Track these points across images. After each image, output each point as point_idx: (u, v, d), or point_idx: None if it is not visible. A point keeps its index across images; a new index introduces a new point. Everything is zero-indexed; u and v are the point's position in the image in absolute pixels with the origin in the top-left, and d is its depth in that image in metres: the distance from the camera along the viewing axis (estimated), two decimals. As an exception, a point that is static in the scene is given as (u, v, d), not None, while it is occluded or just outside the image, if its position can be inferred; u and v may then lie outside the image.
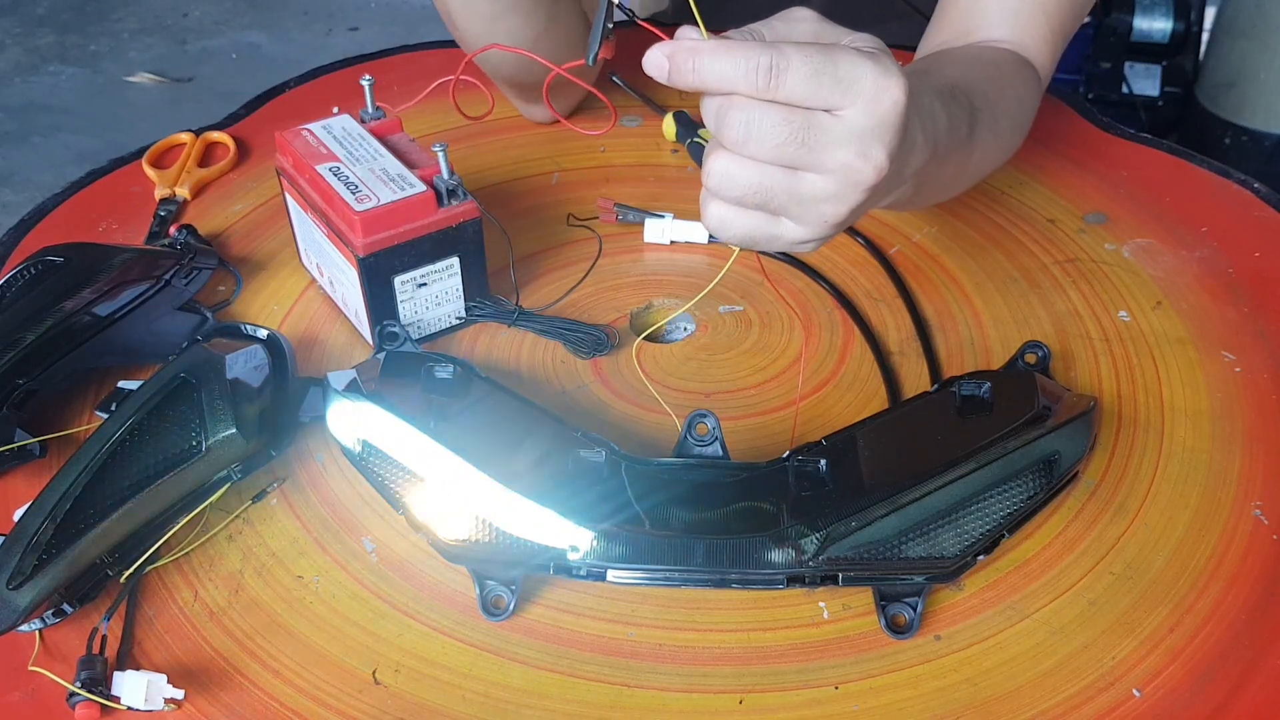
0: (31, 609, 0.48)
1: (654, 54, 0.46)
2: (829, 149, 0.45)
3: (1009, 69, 0.69)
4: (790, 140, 0.45)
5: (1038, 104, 0.72)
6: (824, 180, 0.46)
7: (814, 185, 0.46)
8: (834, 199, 0.47)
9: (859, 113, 0.45)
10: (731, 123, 0.45)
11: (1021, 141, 0.71)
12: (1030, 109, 0.70)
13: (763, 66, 0.44)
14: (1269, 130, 1.62)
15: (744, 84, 0.44)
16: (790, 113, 0.45)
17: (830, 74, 0.44)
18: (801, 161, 0.46)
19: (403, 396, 0.56)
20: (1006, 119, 0.66)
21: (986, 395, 0.57)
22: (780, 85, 0.44)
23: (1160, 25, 1.66)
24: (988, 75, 0.66)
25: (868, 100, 0.45)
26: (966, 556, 0.51)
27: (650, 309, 0.71)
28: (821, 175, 0.46)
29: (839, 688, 0.50)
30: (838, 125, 0.45)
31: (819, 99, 0.45)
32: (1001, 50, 0.71)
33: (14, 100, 2.49)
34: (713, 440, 0.57)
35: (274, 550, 0.56)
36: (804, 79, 0.44)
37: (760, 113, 0.45)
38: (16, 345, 0.59)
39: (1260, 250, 0.73)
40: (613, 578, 0.51)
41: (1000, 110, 0.65)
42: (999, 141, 0.66)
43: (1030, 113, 0.71)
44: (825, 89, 0.44)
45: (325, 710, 0.49)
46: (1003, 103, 0.65)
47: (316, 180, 0.63)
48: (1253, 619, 0.52)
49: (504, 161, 0.83)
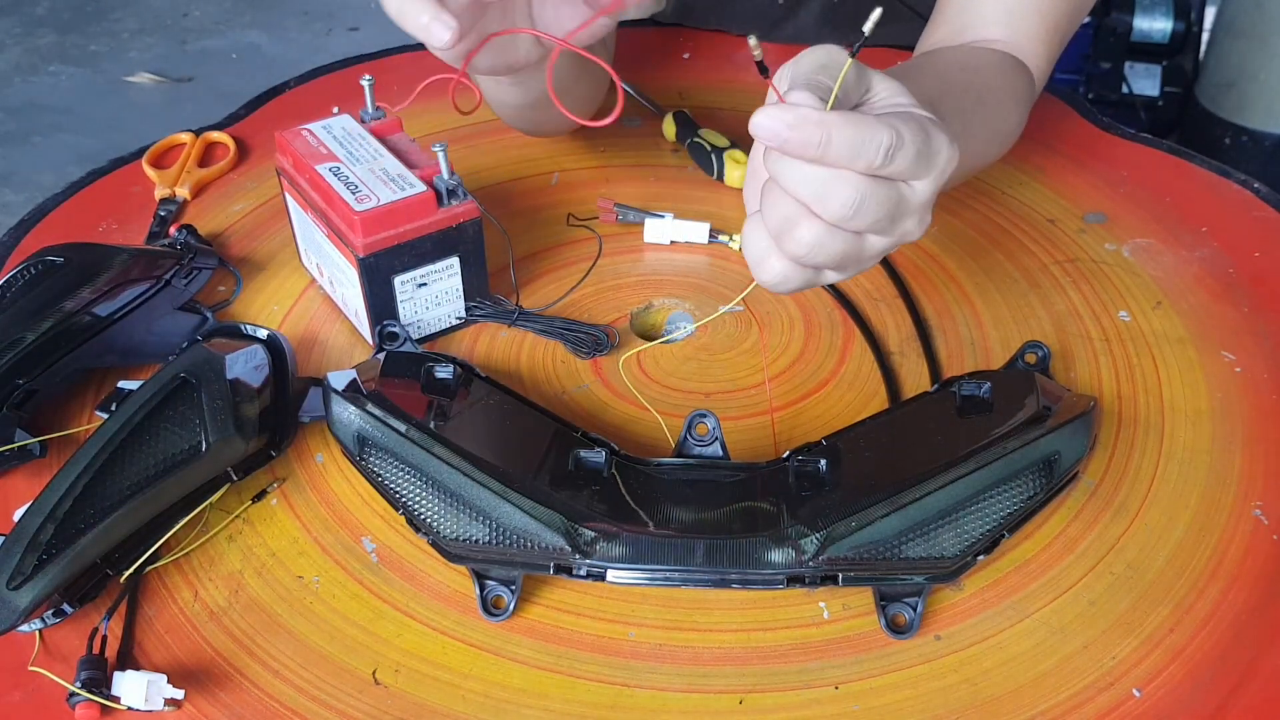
0: (31, 609, 0.48)
1: (771, 120, 0.44)
2: (904, 218, 0.47)
3: (991, 74, 0.69)
4: (885, 215, 0.46)
5: (1029, 103, 0.72)
6: (884, 241, 0.48)
7: (875, 245, 0.48)
8: (881, 254, 0.49)
9: (929, 185, 0.47)
10: (842, 198, 0.45)
11: (1011, 143, 0.71)
12: (1017, 110, 0.70)
13: (884, 146, 0.44)
14: (1269, 130, 1.62)
15: (863, 162, 0.44)
16: (890, 189, 0.46)
17: (926, 151, 0.46)
18: (882, 230, 0.47)
19: (403, 396, 0.56)
20: (982, 127, 0.67)
21: (986, 395, 0.57)
22: (892, 165, 0.45)
23: (1160, 25, 1.66)
24: (963, 84, 0.67)
25: (939, 174, 0.47)
26: (966, 556, 0.51)
27: (650, 309, 0.71)
28: (885, 238, 0.48)
29: (839, 688, 0.50)
30: (914, 196, 0.47)
31: (913, 174, 0.46)
32: (989, 52, 0.71)
33: (14, 100, 2.49)
34: (713, 440, 0.57)
35: (274, 550, 0.56)
36: (910, 158, 0.45)
37: (871, 190, 0.45)
38: (17, 345, 0.59)
39: (1260, 250, 0.73)
40: (613, 578, 0.51)
41: (975, 118, 0.65)
42: (977, 146, 0.66)
43: (1018, 114, 0.70)
44: (920, 166, 0.46)
45: (325, 710, 0.49)
46: (978, 110, 0.66)
47: (316, 180, 0.63)
48: (1253, 619, 0.52)
49: (504, 161, 0.83)
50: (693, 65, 0.96)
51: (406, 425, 0.54)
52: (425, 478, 0.53)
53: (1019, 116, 0.71)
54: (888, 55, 0.95)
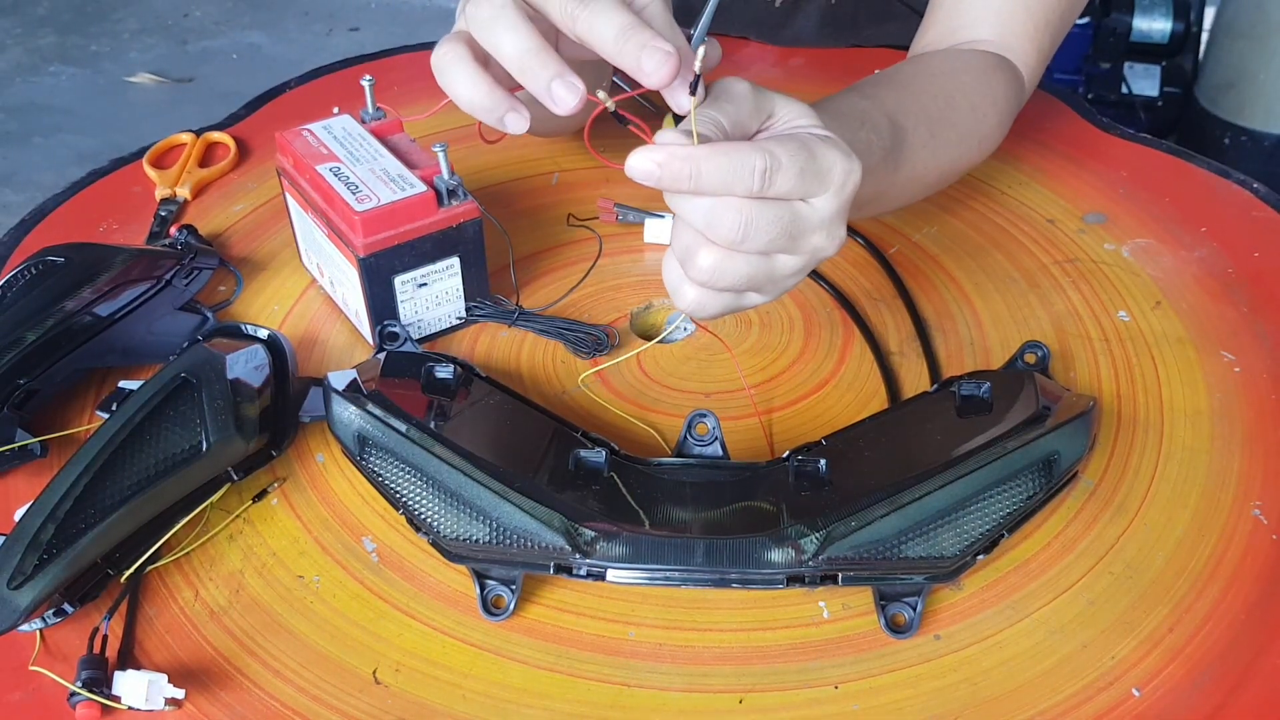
0: (32, 609, 0.48)
1: (642, 162, 0.46)
2: (806, 236, 0.49)
3: (967, 77, 0.70)
4: (781, 234, 0.47)
5: (1014, 102, 0.73)
6: (795, 260, 0.50)
7: (786, 265, 0.50)
8: (799, 273, 0.51)
9: (829, 200, 0.48)
10: (728, 223, 0.47)
11: (991, 144, 0.72)
12: (995, 111, 0.70)
13: (758, 170, 0.46)
14: (1269, 130, 1.63)
15: (740, 187, 0.46)
16: (779, 208, 0.47)
17: (812, 169, 0.47)
18: (783, 248, 0.49)
19: (403, 396, 0.56)
20: (953, 129, 0.67)
21: (986, 395, 0.57)
22: (772, 185, 0.46)
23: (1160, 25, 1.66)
24: (931, 90, 0.68)
25: (837, 187, 0.48)
26: (966, 556, 0.51)
27: (650, 309, 0.71)
28: (795, 256, 0.49)
29: (839, 687, 0.50)
30: (813, 213, 0.48)
31: (801, 192, 0.48)
32: (971, 54, 0.72)
33: (15, 100, 2.49)
34: (713, 440, 0.57)
35: (274, 550, 0.56)
36: (793, 177, 0.47)
37: (757, 212, 0.47)
38: (17, 345, 0.59)
39: (1260, 250, 0.73)
40: (613, 578, 0.51)
41: (942, 123, 0.66)
42: (946, 150, 0.67)
43: (996, 114, 0.71)
44: (808, 183, 0.47)
45: (325, 710, 0.49)
46: (947, 114, 0.67)
47: (317, 180, 0.63)
48: (1252, 619, 0.52)
49: (504, 162, 0.83)
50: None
51: (407, 425, 0.54)
52: (425, 477, 0.53)
53: (998, 118, 0.71)
54: (888, 55, 0.96)
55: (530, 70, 0.49)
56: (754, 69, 0.95)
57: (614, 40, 0.47)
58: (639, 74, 0.48)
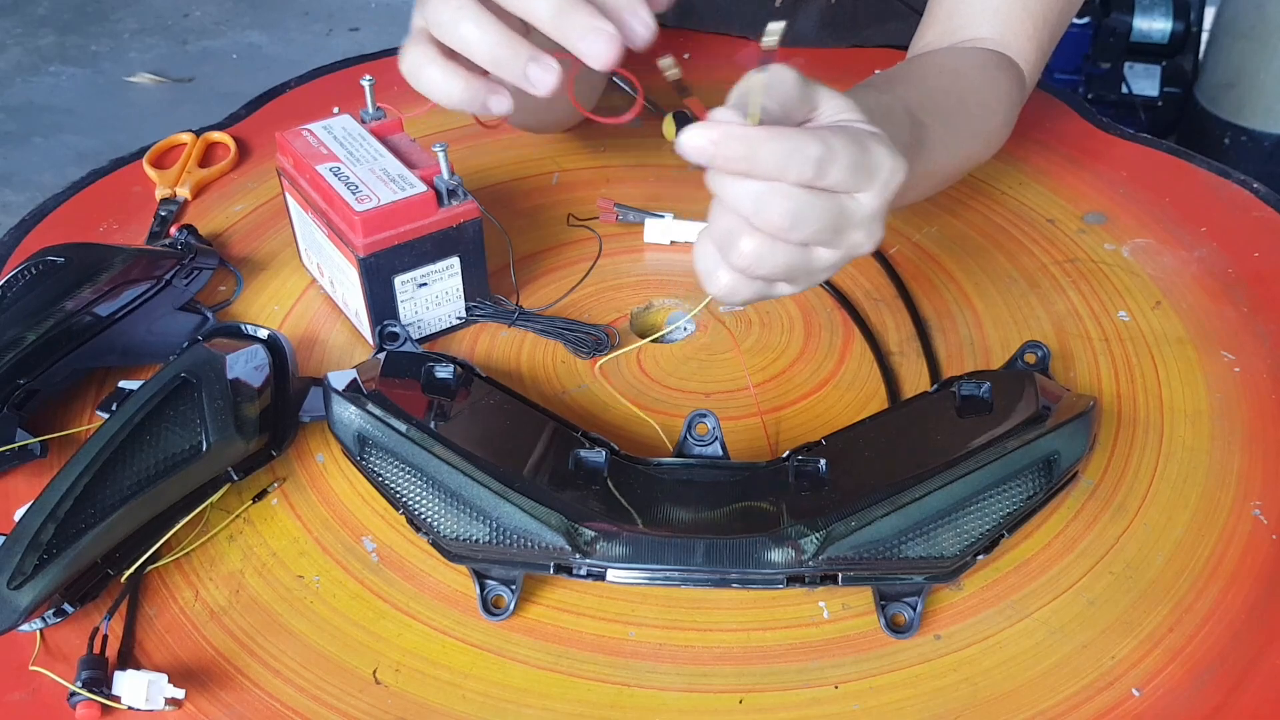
0: (32, 609, 0.48)
1: (696, 138, 0.45)
2: (848, 231, 0.48)
3: (975, 74, 0.70)
4: (826, 227, 0.46)
5: (1018, 100, 0.73)
6: (832, 254, 0.48)
7: (823, 258, 0.48)
8: (833, 268, 0.49)
9: (873, 197, 0.47)
10: (777, 210, 0.45)
11: (999, 141, 0.72)
12: (1003, 109, 0.71)
13: (814, 158, 0.44)
14: (1268, 130, 1.63)
15: (794, 174, 0.45)
16: (828, 200, 0.46)
17: (863, 163, 0.46)
18: (827, 242, 0.47)
19: (403, 396, 0.56)
20: (965, 128, 0.67)
21: (986, 395, 0.57)
22: (825, 175, 0.45)
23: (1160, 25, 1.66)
24: (944, 87, 0.67)
25: (882, 184, 0.47)
26: (966, 556, 0.51)
27: (650, 309, 0.71)
28: (833, 251, 0.48)
29: (839, 687, 0.50)
30: (857, 209, 0.47)
31: (851, 186, 0.46)
32: (975, 52, 0.72)
33: (15, 100, 2.49)
34: (713, 440, 0.57)
35: (274, 550, 0.56)
36: (845, 170, 0.45)
37: (808, 201, 0.45)
38: (18, 345, 0.59)
39: (1260, 250, 0.73)
40: (613, 578, 0.51)
41: (957, 120, 0.66)
42: (960, 146, 0.67)
43: (1004, 112, 0.71)
44: (858, 177, 0.46)
45: (325, 710, 0.49)
46: (960, 111, 0.67)
47: (317, 180, 0.63)
48: (1252, 619, 0.52)
49: (504, 162, 0.83)
50: (693, 65, 0.96)
51: (407, 425, 0.54)
52: (425, 477, 0.53)
53: (1005, 115, 0.71)
54: (888, 55, 0.96)
55: (503, 60, 0.48)
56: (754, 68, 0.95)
57: (550, 19, 0.46)
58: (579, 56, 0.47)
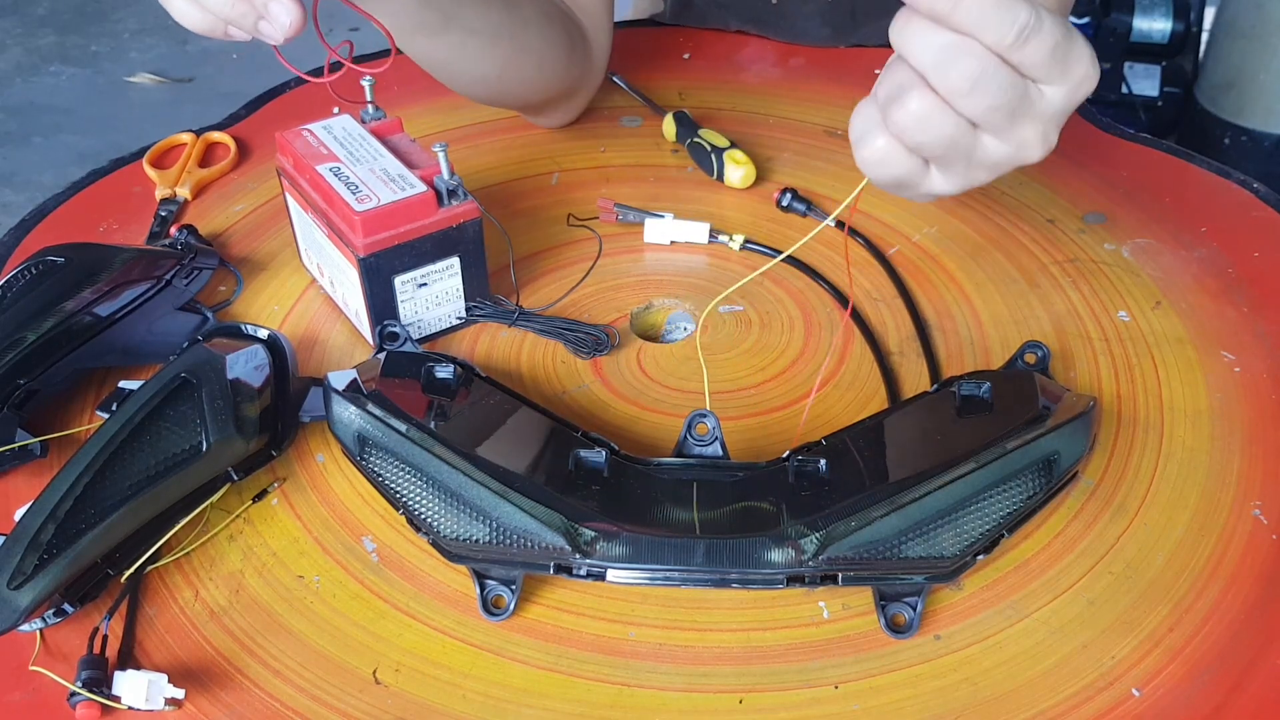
0: (32, 609, 0.48)
1: None
2: (1026, 122, 0.44)
3: None
4: (1006, 105, 0.43)
5: None
6: (1001, 147, 0.45)
7: (989, 150, 0.45)
8: (995, 167, 0.46)
9: (1062, 94, 0.44)
10: (963, 70, 0.41)
11: None
12: None
13: (1019, 23, 0.41)
14: (1269, 130, 1.63)
15: (992, 35, 0.41)
16: (1016, 78, 0.42)
17: (1064, 50, 0.42)
18: (998, 127, 0.44)
19: (403, 396, 0.56)
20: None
21: (986, 395, 0.57)
22: (1025, 46, 0.41)
23: (1160, 26, 1.66)
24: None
25: (1074, 85, 0.44)
26: (966, 556, 0.51)
27: (650, 309, 0.71)
28: (1002, 143, 0.45)
29: (839, 687, 0.50)
30: (1041, 101, 0.44)
31: (1045, 73, 0.43)
32: None
33: (15, 100, 2.49)
34: (713, 440, 0.57)
35: (274, 550, 0.56)
36: (1046, 49, 0.42)
37: (995, 69, 0.42)
38: (18, 345, 0.59)
39: (1260, 250, 0.73)
40: (613, 578, 0.51)
41: None
42: None
43: None
44: (1055, 64, 0.43)
45: (325, 710, 0.49)
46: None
47: (317, 180, 0.63)
48: (1252, 619, 0.52)
49: (504, 162, 0.83)
50: (693, 65, 0.96)
51: (407, 425, 0.54)
52: (425, 477, 0.53)
53: None
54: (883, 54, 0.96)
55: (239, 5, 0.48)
56: (754, 68, 0.95)
57: None
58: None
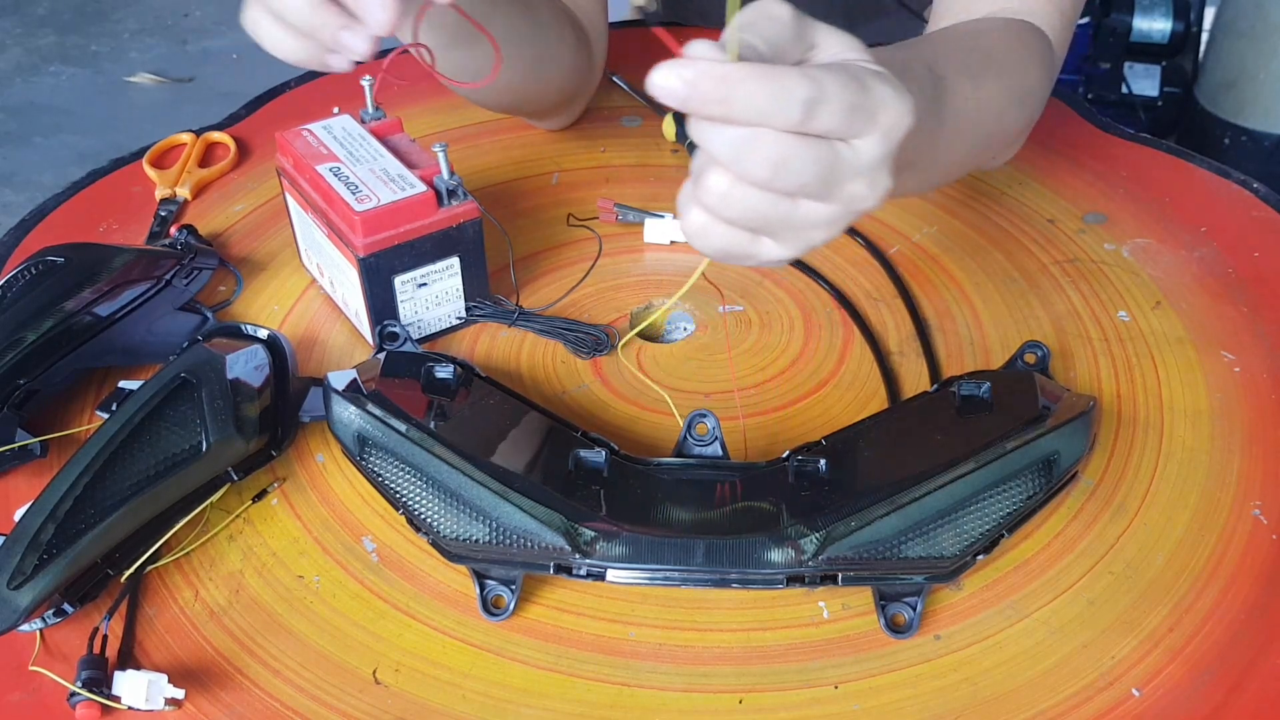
0: (32, 609, 0.48)
1: (668, 78, 0.39)
2: (844, 182, 0.42)
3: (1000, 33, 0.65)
4: (816, 178, 0.41)
5: (1051, 65, 0.68)
6: (825, 208, 0.43)
7: (812, 212, 0.43)
8: (828, 225, 0.44)
9: (874, 143, 0.42)
10: (758, 159, 0.40)
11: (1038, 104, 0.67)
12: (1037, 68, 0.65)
13: (800, 99, 0.39)
14: (1268, 130, 1.62)
15: (779, 118, 0.39)
16: (819, 148, 0.41)
17: (863, 105, 0.41)
18: (817, 194, 0.42)
19: (403, 396, 0.56)
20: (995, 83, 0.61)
21: (986, 395, 0.57)
22: (815, 119, 0.40)
23: (1160, 25, 1.66)
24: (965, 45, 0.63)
25: (886, 130, 0.42)
26: (966, 556, 0.51)
27: (650, 309, 0.71)
28: (827, 205, 0.43)
29: (839, 687, 0.50)
30: (854, 156, 0.42)
31: (847, 131, 0.41)
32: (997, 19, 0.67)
33: (15, 100, 2.49)
34: (713, 440, 0.57)
35: (274, 550, 0.56)
36: (840, 112, 0.40)
37: (793, 148, 0.40)
38: (17, 345, 0.59)
39: (1260, 250, 0.73)
40: (613, 578, 0.51)
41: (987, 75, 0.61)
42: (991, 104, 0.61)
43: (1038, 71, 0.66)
44: (856, 121, 0.41)
45: (325, 710, 0.49)
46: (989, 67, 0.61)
47: (317, 180, 0.63)
48: (1252, 618, 0.52)
49: (504, 162, 0.83)
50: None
51: (407, 425, 0.54)
52: (425, 477, 0.53)
53: (1040, 74, 0.66)
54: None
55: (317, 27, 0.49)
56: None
57: None
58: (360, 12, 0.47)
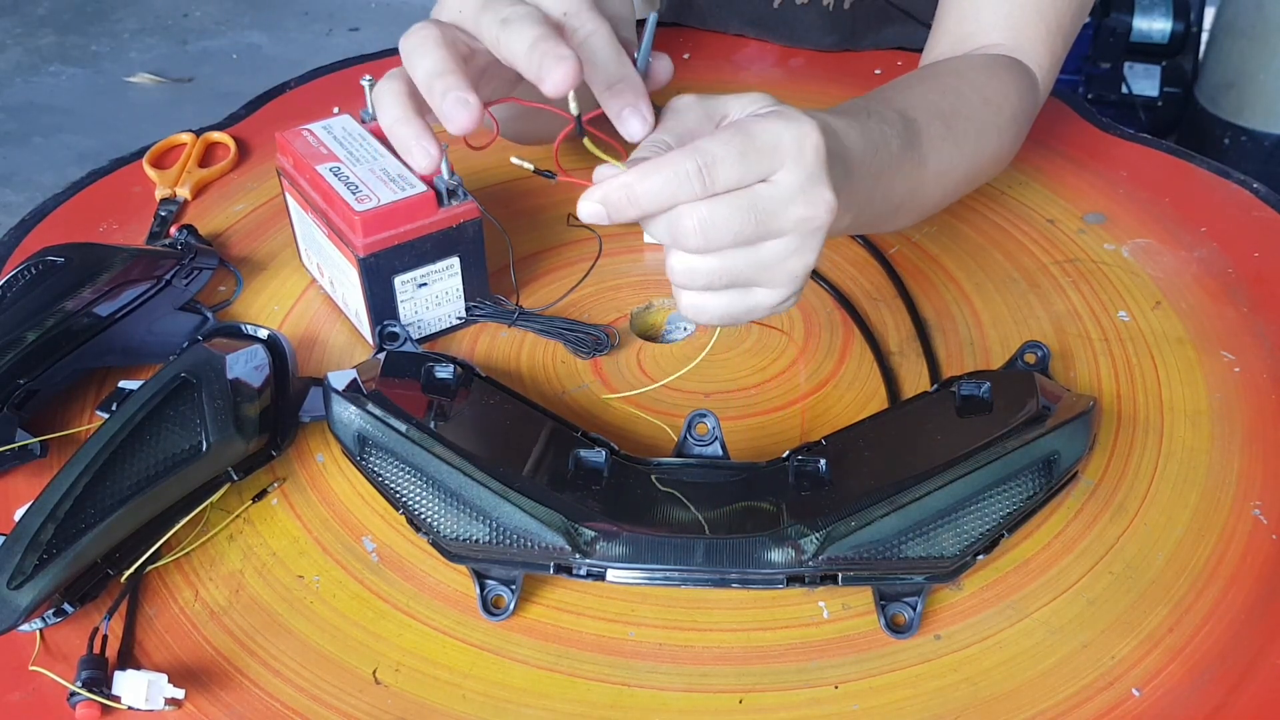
0: (32, 608, 0.48)
1: (586, 205, 0.48)
2: (780, 213, 0.47)
3: (978, 73, 0.69)
4: (746, 223, 0.47)
5: (1033, 100, 0.72)
6: (784, 240, 0.48)
7: (775, 248, 0.48)
8: (797, 252, 0.49)
9: (790, 170, 0.47)
10: (687, 230, 0.46)
11: (1013, 138, 0.70)
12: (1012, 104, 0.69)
13: (692, 172, 0.45)
14: (1268, 130, 1.63)
15: (683, 194, 0.46)
16: (737, 199, 0.47)
17: (753, 149, 0.46)
18: (759, 235, 0.47)
19: (403, 396, 0.56)
20: (968, 122, 0.65)
21: (986, 395, 0.57)
22: (716, 179, 0.46)
23: (1160, 26, 1.66)
24: (940, 86, 0.66)
25: (794, 155, 0.47)
26: (966, 556, 0.51)
27: (650, 309, 0.71)
28: (780, 237, 0.48)
29: (839, 687, 0.50)
30: (778, 190, 0.47)
31: (753, 175, 0.47)
32: (981, 56, 0.71)
33: (15, 100, 2.49)
34: (713, 440, 0.57)
35: (274, 550, 0.56)
36: (734, 165, 0.46)
37: (709, 210, 0.46)
38: (18, 345, 0.59)
39: (1260, 250, 0.73)
40: (613, 578, 0.51)
41: (958, 115, 0.65)
42: (966, 143, 0.65)
43: (1015, 106, 0.69)
44: (755, 164, 0.46)
45: (325, 710, 0.49)
46: (961, 107, 0.65)
47: (317, 180, 0.63)
48: (1252, 619, 0.52)
49: (504, 162, 0.83)
50: (693, 65, 0.96)
51: (407, 425, 0.54)
52: (425, 477, 0.53)
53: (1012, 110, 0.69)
54: (884, 57, 0.96)
55: (433, 90, 0.50)
56: (754, 68, 0.95)
57: (525, 54, 0.48)
58: (541, 84, 0.48)
